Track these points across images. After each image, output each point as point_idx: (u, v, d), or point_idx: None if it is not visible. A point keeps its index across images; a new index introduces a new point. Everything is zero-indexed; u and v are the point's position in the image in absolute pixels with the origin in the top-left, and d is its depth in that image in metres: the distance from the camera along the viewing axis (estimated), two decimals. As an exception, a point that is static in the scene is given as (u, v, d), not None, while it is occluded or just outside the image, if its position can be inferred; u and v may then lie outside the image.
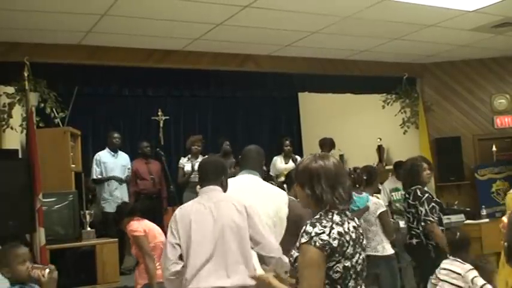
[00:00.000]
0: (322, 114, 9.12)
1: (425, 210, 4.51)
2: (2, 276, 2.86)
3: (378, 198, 5.36)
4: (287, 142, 7.43)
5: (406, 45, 7.04)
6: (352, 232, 2.21)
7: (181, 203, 6.93)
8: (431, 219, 4.49)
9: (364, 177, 5.11)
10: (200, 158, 7.08)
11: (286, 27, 6.02)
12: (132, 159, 7.50)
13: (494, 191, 7.78)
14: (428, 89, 8.42)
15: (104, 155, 6.78)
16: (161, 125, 8.25)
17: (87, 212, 6.06)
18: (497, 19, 6.14)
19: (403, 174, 4.93)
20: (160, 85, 7.30)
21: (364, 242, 2.31)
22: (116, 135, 6.91)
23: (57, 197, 5.60)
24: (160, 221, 7.04)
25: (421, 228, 4.56)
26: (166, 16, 5.37)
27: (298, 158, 7.64)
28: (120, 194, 6.81)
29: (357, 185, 5.01)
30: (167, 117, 8.30)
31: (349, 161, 8.93)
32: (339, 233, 2.15)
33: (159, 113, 8.22)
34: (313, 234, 2.13)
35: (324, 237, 2.12)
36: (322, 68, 7.57)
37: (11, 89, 5.72)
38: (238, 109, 8.99)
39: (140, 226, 4.55)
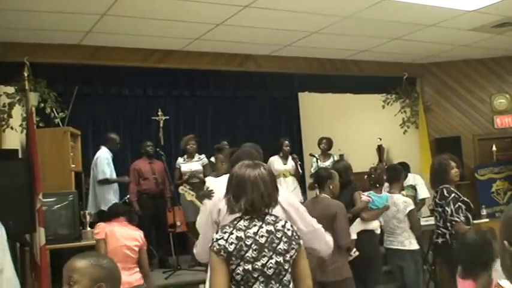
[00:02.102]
0: (322, 114, 9.12)
1: (451, 210, 4.47)
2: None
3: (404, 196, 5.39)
4: (286, 142, 7.42)
5: (406, 45, 7.04)
6: (261, 237, 2.31)
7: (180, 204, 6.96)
8: (457, 219, 4.45)
9: (385, 177, 5.17)
10: (197, 157, 7.07)
11: (286, 27, 6.02)
12: (133, 159, 7.49)
13: (494, 191, 7.78)
14: (428, 89, 8.43)
15: (108, 155, 6.74)
16: (161, 125, 8.23)
17: (87, 212, 6.06)
18: (497, 19, 6.14)
19: (431, 173, 4.89)
20: (160, 85, 7.29)
21: (281, 246, 2.31)
22: (117, 139, 6.88)
23: (57, 197, 5.59)
24: (163, 221, 7.04)
25: (449, 228, 4.55)
26: (166, 16, 5.37)
27: (297, 158, 7.61)
28: (115, 195, 6.80)
29: (377, 185, 5.07)
30: (167, 117, 8.28)
31: (349, 161, 8.88)
32: (238, 238, 2.30)
33: (159, 113, 8.20)
34: (214, 239, 2.34)
35: (221, 242, 2.30)
36: (322, 68, 7.57)
37: (11, 89, 5.73)
38: (238, 109, 8.98)
39: (103, 229, 4.42)
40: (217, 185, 3.36)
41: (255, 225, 2.34)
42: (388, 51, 7.31)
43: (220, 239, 2.32)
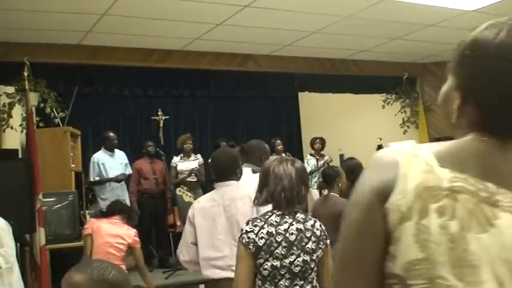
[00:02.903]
0: (322, 114, 9.11)
1: None
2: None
3: None
4: (278, 142, 7.43)
5: (406, 45, 7.04)
6: (291, 234, 2.33)
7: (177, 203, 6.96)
8: None
9: None
10: (193, 157, 7.07)
11: (286, 27, 6.02)
12: (133, 159, 7.49)
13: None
14: (428, 89, 8.42)
15: (100, 156, 6.74)
16: (161, 125, 8.23)
17: (87, 212, 6.06)
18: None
19: None
20: (160, 85, 7.29)
21: (310, 245, 2.34)
22: (111, 134, 6.87)
23: (57, 197, 5.60)
24: (163, 221, 7.05)
25: None
26: (166, 16, 5.37)
27: (291, 156, 7.62)
28: (121, 192, 6.81)
29: None
30: (167, 117, 8.29)
31: (349, 161, 8.93)
32: (268, 233, 2.30)
33: (159, 113, 8.20)
34: (243, 231, 2.35)
35: (251, 235, 2.31)
36: (322, 68, 7.57)
37: (11, 89, 5.72)
38: (238, 109, 8.97)
39: (90, 225, 4.47)
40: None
41: (285, 222, 2.35)
42: (388, 51, 7.31)
43: (250, 231, 2.32)
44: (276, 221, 2.35)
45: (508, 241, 0.85)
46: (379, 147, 8.45)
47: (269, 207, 2.48)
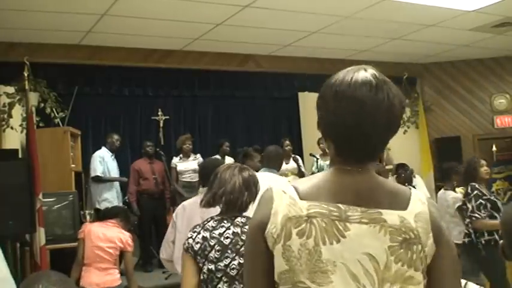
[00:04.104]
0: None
1: (472, 206, 4.46)
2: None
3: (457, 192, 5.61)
4: (287, 142, 7.43)
5: (406, 45, 7.04)
6: (226, 238, 2.39)
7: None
8: (478, 215, 4.42)
9: (413, 176, 5.79)
10: (192, 157, 7.07)
11: (286, 27, 6.02)
12: (132, 159, 7.49)
13: (494, 190, 7.77)
14: (428, 89, 8.43)
15: (105, 154, 6.75)
16: (161, 125, 8.24)
17: (87, 212, 6.05)
18: (497, 19, 6.14)
19: (462, 172, 4.93)
20: (160, 85, 7.29)
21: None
22: (116, 137, 6.90)
23: (57, 197, 5.59)
24: (163, 221, 7.05)
25: (470, 226, 4.54)
26: (166, 16, 5.37)
27: (299, 158, 7.63)
28: (119, 194, 6.81)
29: (406, 184, 5.58)
30: (167, 117, 8.29)
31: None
32: (203, 238, 2.39)
33: (159, 113, 8.21)
34: (186, 238, 2.45)
35: (190, 241, 2.41)
36: (322, 68, 7.56)
37: (11, 89, 5.72)
38: (238, 109, 8.98)
39: (83, 229, 4.47)
40: None
41: (222, 227, 2.42)
42: (388, 51, 7.31)
43: (189, 237, 2.43)
44: (212, 226, 2.43)
45: (357, 246, 1.14)
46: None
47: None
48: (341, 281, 1.13)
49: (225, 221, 2.44)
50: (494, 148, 7.98)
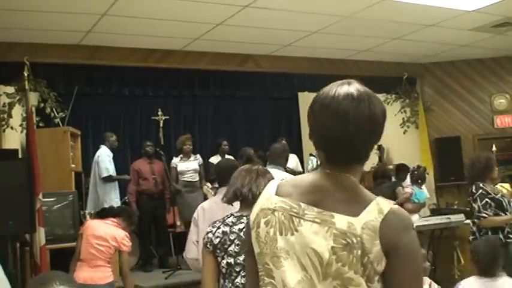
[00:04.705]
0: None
1: (478, 206, 4.43)
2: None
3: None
4: (283, 142, 7.43)
5: (406, 45, 7.04)
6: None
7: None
8: (485, 215, 4.41)
9: (427, 174, 5.78)
10: (193, 157, 7.07)
11: (286, 27, 6.02)
12: (132, 159, 7.49)
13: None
14: (428, 89, 8.43)
15: (108, 153, 6.74)
16: (161, 125, 8.24)
17: (87, 212, 6.05)
18: (497, 19, 6.14)
19: (473, 169, 4.84)
20: (160, 85, 7.29)
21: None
22: (115, 137, 6.89)
23: (57, 197, 5.59)
24: (162, 221, 7.05)
25: (475, 225, 4.53)
26: (166, 16, 5.37)
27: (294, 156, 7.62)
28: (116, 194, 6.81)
29: (419, 181, 5.73)
30: (167, 117, 8.29)
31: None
32: (223, 232, 2.47)
33: (159, 113, 8.21)
34: (206, 232, 2.54)
35: (209, 235, 2.50)
36: (322, 68, 7.57)
37: (11, 89, 5.72)
38: (238, 109, 8.98)
39: (83, 225, 4.47)
40: None
41: (241, 223, 2.48)
42: (388, 51, 7.31)
43: (209, 232, 2.51)
44: (232, 222, 2.50)
45: (306, 241, 1.31)
46: (379, 147, 8.46)
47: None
48: (292, 268, 1.32)
49: (245, 218, 2.47)
50: (494, 148, 7.96)
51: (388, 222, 1.27)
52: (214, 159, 7.19)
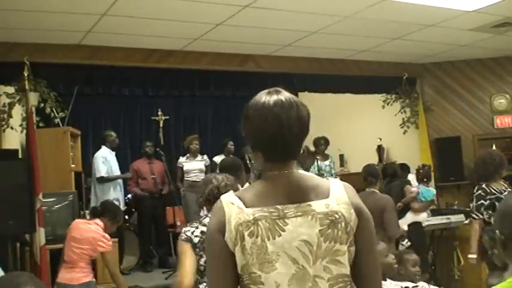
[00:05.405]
0: (322, 114, 9.07)
1: (472, 206, 4.42)
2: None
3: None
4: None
5: (406, 45, 7.04)
6: None
7: (181, 203, 6.98)
8: (475, 216, 4.39)
9: (432, 173, 5.85)
10: (199, 157, 7.08)
11: (286, 27, 6.02)
12: (132, 159, 7.49)
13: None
14: (428, 89, 8.43)
15: (106, 154, 6.74)
16: (161, 125, 8.24)
17: (87, 212, 6.05)
18: (497, 19, 6.14)
19: (486, 167, 4.78)
20: (160, 85, 7.29)
21: None
22: (114, 134, 6.89)
23: (57, 197, 5.59)
24: (162, 221, 7.05)
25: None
26: (166, 16, 5.37)
27: None
28: (122, 193, 6.82)
29: (425, 179, 5.82)
30: (167, 117, 8.30)
31: (349, 160, 8.93)
32: (202, 232, 2.63)
33: (159, 113, 8.21)
34: (182, 231, 2.73)
35: (188, 233, 2.69)
36: (322, 68, 7.57)
37: (11, 89, 5.72)
38: (238, 109, 8.90)
39: (69, 227, 4.47)
40: None
41: None
42: (388, 51, 7.31)
43: (187, 231, 2.69)
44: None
45: (295, 236, 1.44)
46: (379, 147, 8.47)
47: None
48: (283, 267, 1.43)
49: None
50: (494, 148, 7.97)
51: (350, 194, 1.54)
52: (218, 159, 7.23)
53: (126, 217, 6.81)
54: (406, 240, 4.97)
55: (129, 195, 7.09)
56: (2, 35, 5.50)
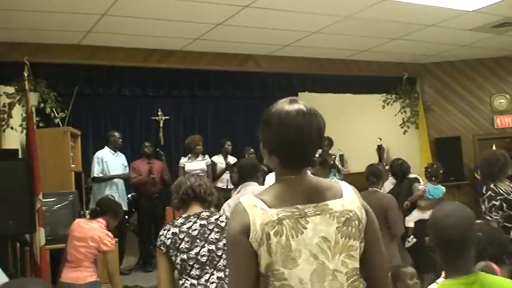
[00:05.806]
0: (322, 114, 9.08)
1: (485, 208, 4.41)
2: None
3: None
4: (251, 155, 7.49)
5: (406, 45, 7.04)
6: (193, 230, 2.74)
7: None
8: (488, 217, 4.37)
9: (441, 172, 5.86)
10: (200, 157, 7.08)
11: (286, 27, 6.02)
12: (132, 159, 7.49)
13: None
14: (428, 89, 8.43)
15: (105, 154, 6.75)
16: (161, 125, 8.24)
17: (87, 211, 6.05)
18: (497, 19, 6.14)
19: (493, 166, 4.74)
20: (160, 85, 7.29)
21: (212, 235, 2.74)
22: (117, 135, 6.90)
23: (57, 197, 5.59)
24: (162, 221, 7.04)
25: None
26: (166, 16, 5.37)
27: None
28: (123, 192, 6.82)
29: (433, 178, 5.80)
30: (167, 117, 8.29)
31: (349, 160, 8.93)
32: (173, 233, 2.73)
33: (159, 113, 8.21)
34: (158, 236, 2.79)
35: (162, 237, 2.75)
36: (322, 68, 7.57)
37: (11, 89, 5.72)
38: (238, 109, 8.97)
39: (70, 227, 4.41)
40: None
41: (189, 222, 2.77)
42: (388, 51, 7.31)
43: (161, 235, 2.77)
44: (180, 223, 2.77)
45: (314, 234, 1.55)
46: (379, 147, 8.46)
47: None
48: (305, 263, 1.53)
49: (192, 217, 2.78)
50: (494, 148, 7.97)
51: (357, 194, 1.68)
52: (217, 159, 7.25)
53: (126, 217, 6.81)
54: (412, 236, 5.10)
55: (129, 196, 7.09)
56: (2, 35, 5.50)
